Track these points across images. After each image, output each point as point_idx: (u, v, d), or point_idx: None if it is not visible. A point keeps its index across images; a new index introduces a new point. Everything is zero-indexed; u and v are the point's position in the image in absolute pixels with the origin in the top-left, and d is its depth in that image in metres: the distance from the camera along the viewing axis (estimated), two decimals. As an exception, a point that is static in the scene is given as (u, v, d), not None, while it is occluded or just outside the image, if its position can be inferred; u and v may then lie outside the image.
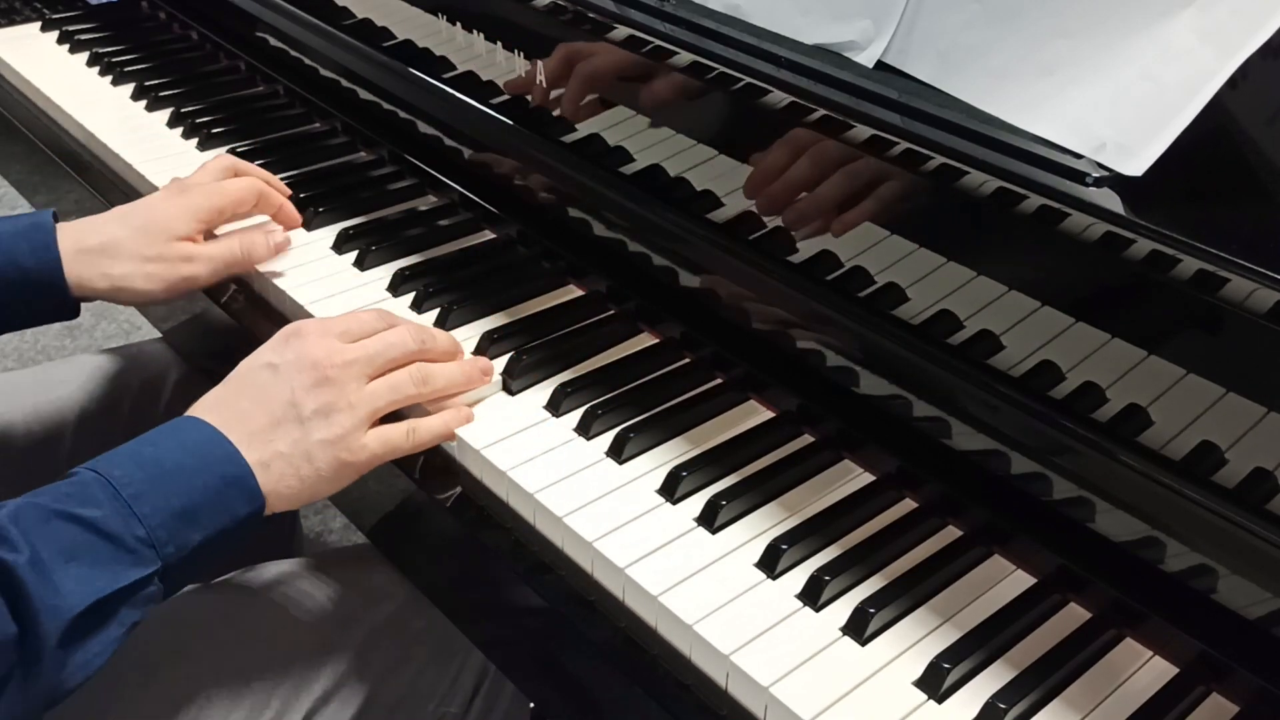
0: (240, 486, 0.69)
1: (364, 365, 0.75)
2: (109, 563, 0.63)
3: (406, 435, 0.76)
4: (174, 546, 0.66)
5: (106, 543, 0.63)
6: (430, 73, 1.00)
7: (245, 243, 0.92)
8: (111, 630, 0.64)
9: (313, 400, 0.72)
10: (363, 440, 0.73)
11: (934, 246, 0.68)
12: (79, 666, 0.62)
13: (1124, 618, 0.67)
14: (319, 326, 0.77)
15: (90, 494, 0.64)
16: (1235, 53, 0.58)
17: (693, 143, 0.80)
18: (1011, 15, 0.66)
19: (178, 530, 0.66)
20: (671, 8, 0.79)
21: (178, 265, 0.90)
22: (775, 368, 0.80)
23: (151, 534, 0.65)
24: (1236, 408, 0.58)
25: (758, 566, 0.69)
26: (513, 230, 0.99)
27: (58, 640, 0.60)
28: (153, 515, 0.65)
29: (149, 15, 1.41)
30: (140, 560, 0.64)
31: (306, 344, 0.75)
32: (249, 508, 0.69)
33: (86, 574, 0.62)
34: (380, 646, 0.85)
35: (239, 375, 0.75)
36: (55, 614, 0.60)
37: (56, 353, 2.17)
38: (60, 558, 0.61)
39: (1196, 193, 0.62)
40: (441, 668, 0.87)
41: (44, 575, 0.60)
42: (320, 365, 0.74)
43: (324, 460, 0.72)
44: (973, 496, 0.72)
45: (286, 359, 0.74)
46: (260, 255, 0.93)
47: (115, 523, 0.64)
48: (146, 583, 0.65)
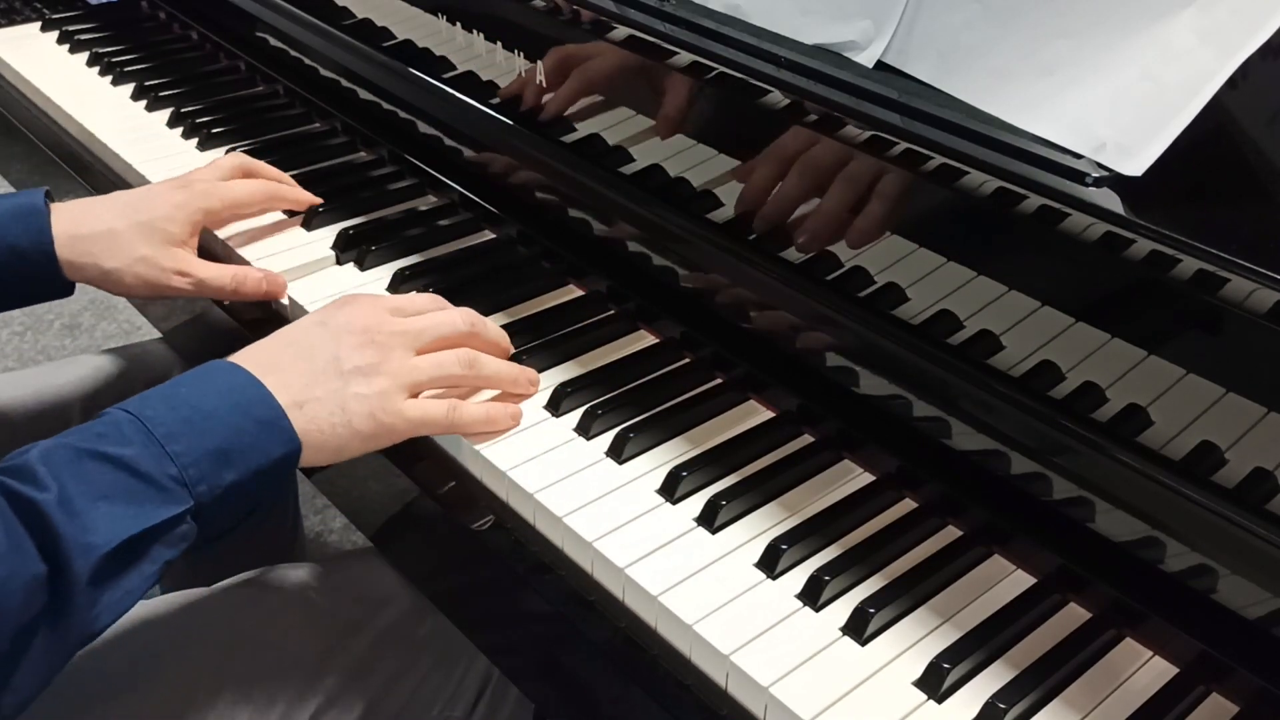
0: (274, 427, 0.69)
1: (413, 338, 0.76)
2: (141, 501, 0.63)
3: (447, 411, 0.75)
4: (207, 485, 0.65)
5: (138, 481, 0.63)
6: (430, 73, 1.00)
7: (239, 277, 0.91)
8: (144, 568, 0.63)
9: (357, 358, 0.73)
10: (400, 404, 0.73)
11: (934, 246, 0.68)
12: (110, 606, 0.62)
13: (1124, 618, 0.67)
14: (372, 299, 0.78)
15: (122, 433, 0.64)
16: (1235, 53, 0.58)
17: (692, 143, 0.80)
18: (1011, 15, 0.66)
19: (211, 469, 0.65)
20: (671, 8, 0.79)
21: (169, 275, 0.89)
22: (775, 368, 0.80)
23: (184, 472, 0.64)
24: (1236, 408, 0.58)
25: (758, 566, 0.69)
26: (513, 230, 0.99)
27: (89, 578, 0.60)
28: (185, 454, 0.65)
29: (149, 15, 1.41)
30: (172, 498, 0.64)
31: (359, 309, 0.76)
32: (284, 449, 0.69)
33: (118, 512, 0.62)
34: (384, 652, 0.85)
35: (286, 329, 0.75)
36: (86, 551, 0.60)
37: (57, 352, 2.17)
38: (91, 496, 0.61)
39: (1196, 193, 0.62)
40: (445, 673, 0.87)
41: (73, 513, 0.60)
42: (370, 329, 0.74)
43: (358, 413, 0.72)
44: (973, 496, 0.72)
45: (337, 320, 0.75)
46: (248, 293, 0.91)
47: (147, 461, 0.63)
48: (179, 521, 0.64)
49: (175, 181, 0.94)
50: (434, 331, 0.77)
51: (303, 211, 1.01)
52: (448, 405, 0.76)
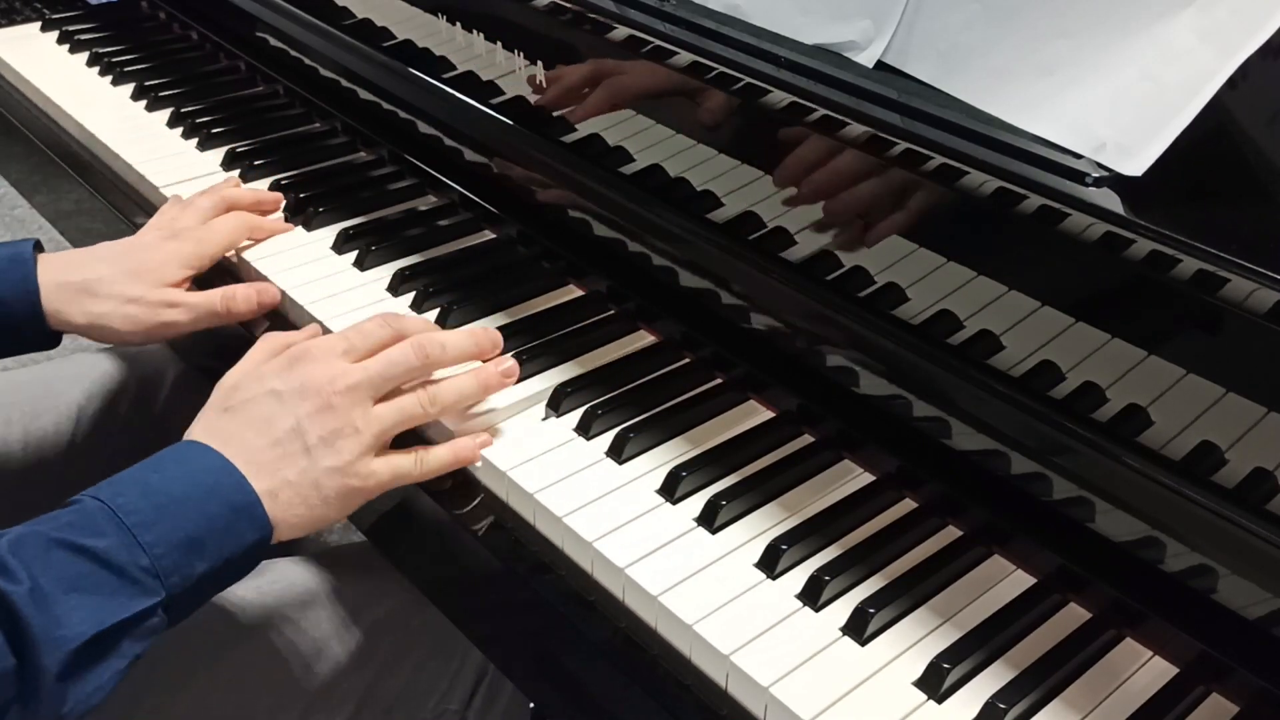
0: (248, 515, 0.68)
1: (368, 389, 0.73)
2: (112, 593, 0.62)
3: (415, 463, 0.75)
4: (179, 576, 0.64)
5: (110, 573, 0.62)
6: (430, 73, 1.00)
7: (227, 296, 0.90)
8: (113, 663, 0.62)
9: (318, 428, 0.71)
10: (371, 467, 0.72)
11: (934, 246, 0.68)
12: (79, 700, 0.61)
13: (1124, 618, 0.67)
14: (322, 347, 0.75)
15: (94, 523, 0.63)
16: (1235, 53, 0.58)
17: (692, 143, 0.80)
18: (1011, 15, 0.66)
19: (183, 560, 0.65)
20: (671, 8, 0.79)
21: (159, 310, 0.88)
22: (775, 368, 0.80)
23: (156, 564, 0.63)
24: (1236, 408, 0.58)
25: (758, 566, 0.69)
26: (513, 230, 0.99)
27: (58, 673, 0.59)
28: (158, 544, 0.64)
29: (149, 15, 1.41)
30: (144, 591, 0.63)
31: (309, 370, 0.73)
32: (256, 535, 0.68)
33: (88, 605, 0.61)
34: (380, 644, 0.85)
35: (242, 400, 0.73)
36: (56, 646, 0.59)
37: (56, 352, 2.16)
38: (62, 588, 0.60)
39: (1196, 193, 0.62)
40: (441, 665, 0.87)
41: (44, 607, 0.59)
42: (323, 391, 0.72)
43: (332, 488, 0.71)
44: (973, 496, 0.72)
45: (290, 386, 0.72)
46: (241, 311, 0.90)
47: (119, 553, 0.63)
48: (150, 614, 0.63)
49: (164, 230, 0.93)
50: (387, 375, 0.74)
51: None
52: (415, 457, 0.75)
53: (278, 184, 1.06)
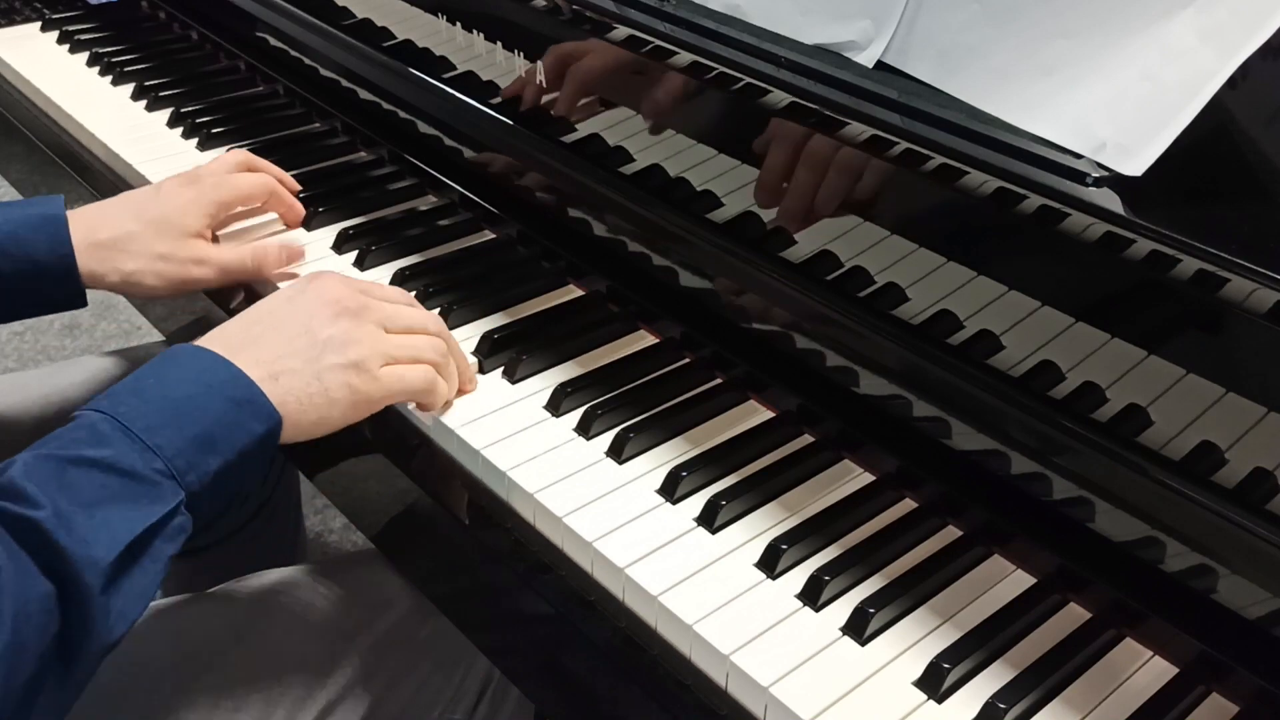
0: (252, 405, 0.68)
1: (385, 318, 0.75)
2: (134, 501, 0.61)
3: (424, 378, 0.75)
4: (195, 475, 0.64)
5: (127, 481, 0.62)
6: (430, 73, 1.00)
7: (258, 253, 0.91)
8: (149, 567, 0.62)
9: (330, 328, 0.72)
10: (376, 372, 0.73)
11: (934, 246, 0.68)
12: (124, 612, 0.61)
13: (1124, 618, 0.67)
14: (340, 275, 0.77)
15: (100, 434, 0.63)
16: (1235, 53, 0.58)
17: (692, 143, 0.80)
18: (1011, 15, 0.66)
19: (196, 458, 0.64)
20: (671, 8, 0.79)
21: (188, 267, 0.89)
22: (775, 368, 0.80)
23: (170, 465, 0.63)
24: (1236, 408, 0.58)
25: (758, 566, 0.69)
26: (513, 230, 0.99)
27: (101, 588, 0.59)
28: (168, 446, 0.63)
29: (149, 15, 1.41)
30: (163, 493, 0.63)
31: (329, 282, 0.75)
32: (265, 425, 0.68)
33: (113, 517, 0.60)
34: (385, 655, 0.85)
35: (254, 307, 0.74)
36: (92, 564, 0.59)
37: (56, 353, 2.17)
38: (84, 505, 0.60)
39: (1196, 193, 0.62)
40: (446, 675, 0.87)
41: (71, 527, 0.59)
42: (341, 300, 0.74)
43: (335, 383, 0.71)
44: (973, 496, 0.72)
45: (307, 294, 0.74)
46: (271, 266, 0.92)
47: (132, 459, 0.62)
48: (174, 514, 0.63)
49: (183, 178, 0.94)
50: (406, 320, 0.76)
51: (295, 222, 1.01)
52: (426, 370, 0.75)
53: (278, 184, 1.06)
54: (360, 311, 0.74)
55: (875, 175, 0.70)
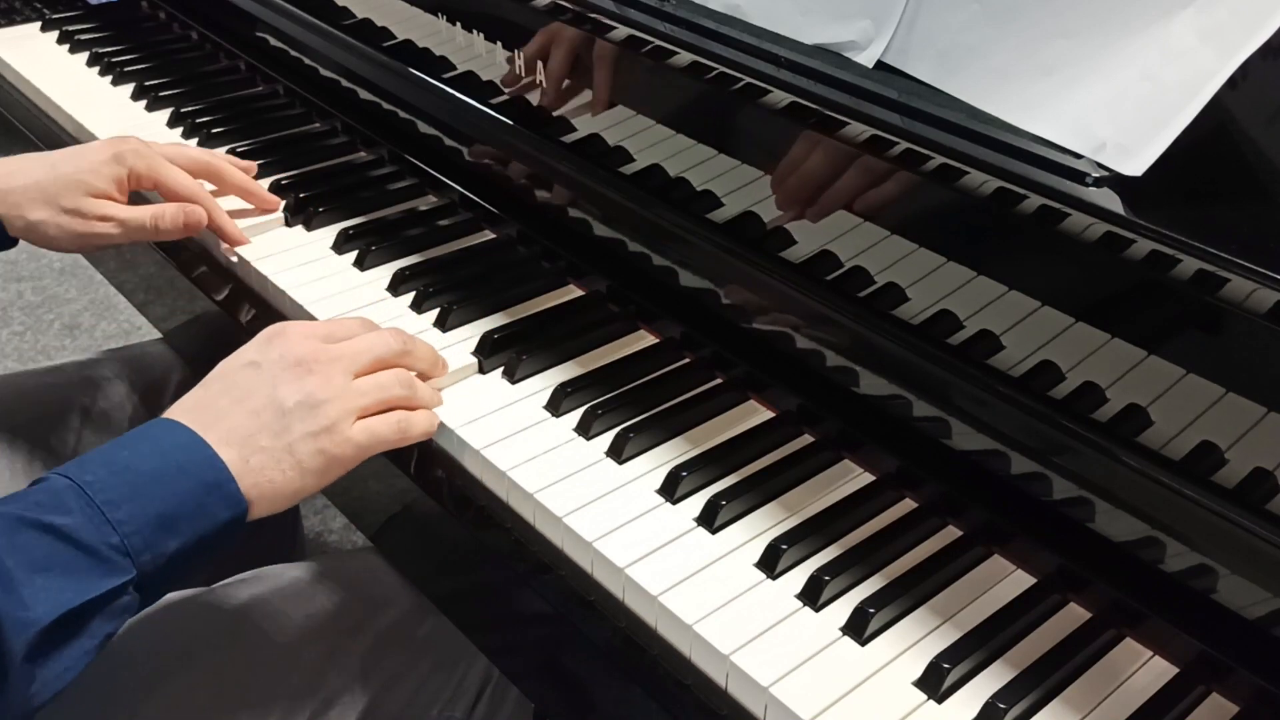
0: (220, 492, 0.66)
1: (349, 362, 0.74)
2: (81, 572, 0.60)
3: (396, 427, 0.74)
4: (150, 554, 0.63)
5: (78, 552, 0.61)
6: (430, 73, 1.00)
7: (156, 214, 0.93)
8: (83, 643, 0.61)
9: (296, 393, 0.71)
10: (348, 433, 0.72)
11: (934, 246, 0.68)
12: (48, 682, 0.60)
13: (1124, 618, 0.67)
14: (302, 328, 0.75)
15: (62, 501, 0.62)
16: (1235, 53, 0.58)
17: (692, 143, 0.80)
18: (1011, 15, 0.66)
19: (154, 538, 0.63)
20: (671, 8, 0.79)
21: (92, 223, 0.92)
22: (775, 368, 0.80)
23: (126, 541, 0.62)
24: (1236, 408, 0.58)
25: (758, 566, 0.69)
26: (513, 230, 0.99)
27: (25, 654, 0.58)
28: (128, 522, 0.62)
29: (149, 15, 1.41)
30: (114, 569, 0.62)
31: (290, 342, 0.73)
32: (230, 513, 0.67)
33: (56, 585, 0.59)
34: (385, 653, 0.85)
35: (219, 374, 0.73)
36: (22, 628, 0.58)
37: (56, 352, 2.17)
38: (29, 569, 0.59)
39: (1196, 193, 0.62)
40: (446, 673, 0.87)
41: (11, 588, 0.58)
42: (305, 361, 0.72)
43: (307, 453, 0.70)
44: (973, 496, 0.72)
45: (270, 356, 0.73)
46: (168, 228, 0.93)
47: (88, 530, 0.61)
48: (120, 592, 0.62)
49: (109, 140, 0.96)
50: (370, 354, 0.75)
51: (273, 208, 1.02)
52: (396, 420, 0.74)
53: (278, 184, 1.06)
54: (327, 366, 0.73)
55: (875, 175, 0.70)
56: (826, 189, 0.73)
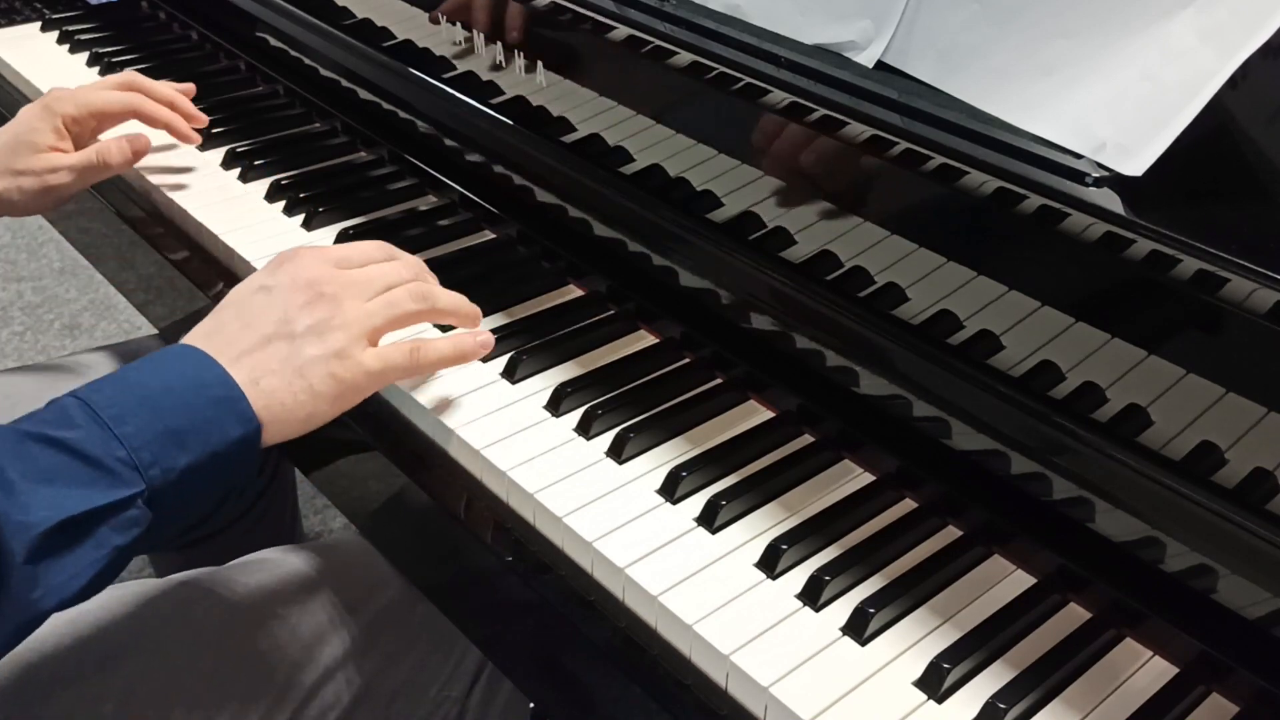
0: (231, 407, 0.66)
1: (361, 289, 0.74)
2: (85, 483, 0.61)
3: (409, 354, 0.74)
4: (159, 469, 0.63)
5: (83, 464, 0.61)
6: (430, 73, 1.00)
7: (100, 149, 0.97)
8: (88, 551, 0.61)
9: (306, 316, 0.71)
10: (359, 356, 0.71)
11: (934, 246, 0.68)
12: (55, 588, 0.60)
13: (1124, 618, 0.67)
14: (315, 252, 0.76)
15: (69, 416, 0.62)
16: (1235, 53, 0.58)
17: (692, 143, 0.80)
18: (1011, 15, 0.66)
19: (163, 451, 0.63)
20: (671, 8, 0.79)
21: (44, 177, 0.95)
22: (775, 368, 0.80)
23: (134, 455, 0.62)
24: (1236, 408, 0.58)
25: (758, 566, 0.69)
26: (513, 230, 0.99)
27: (25, 556, 0.58)
28: (135, 436, 0.62)
29: (149, 15, 1.41)
30: (121, 481, 0.62)
31: (301, 265, 0.74)
32: (242, 429, 0.67)
33: (59, 493, 0.60)
34: (382, 633, 0.85)
35: (230, 300, 0.73)
36: (21, 530, 0.58)
37: (56, 352, 2.17)
38: (32, 478, 0.59)
39: (1196, 193, 0.62)
40: (443, 653, 0.87)
41: (11, 494, 0.58)
42: (315, 284, 0.72)
43: (318, 376, 0.70)
44: (973, 496, 0.72)
45: (280, 280, 0.73)
46: (115, 160, 0.97)
47: (94, 443, 0.61)
48: (128, 504, 0.62)
49: (44, 97, 1.00)
50: (382, 281, 0.75)
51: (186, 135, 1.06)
52: (410, 346, 0.74)
53: (278, 184, 1.06)
54: (337, 291, 0.73)
55: (875, 175, 0.70)
56: (827, 189, 0.73)
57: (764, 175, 0.76)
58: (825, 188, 0.73)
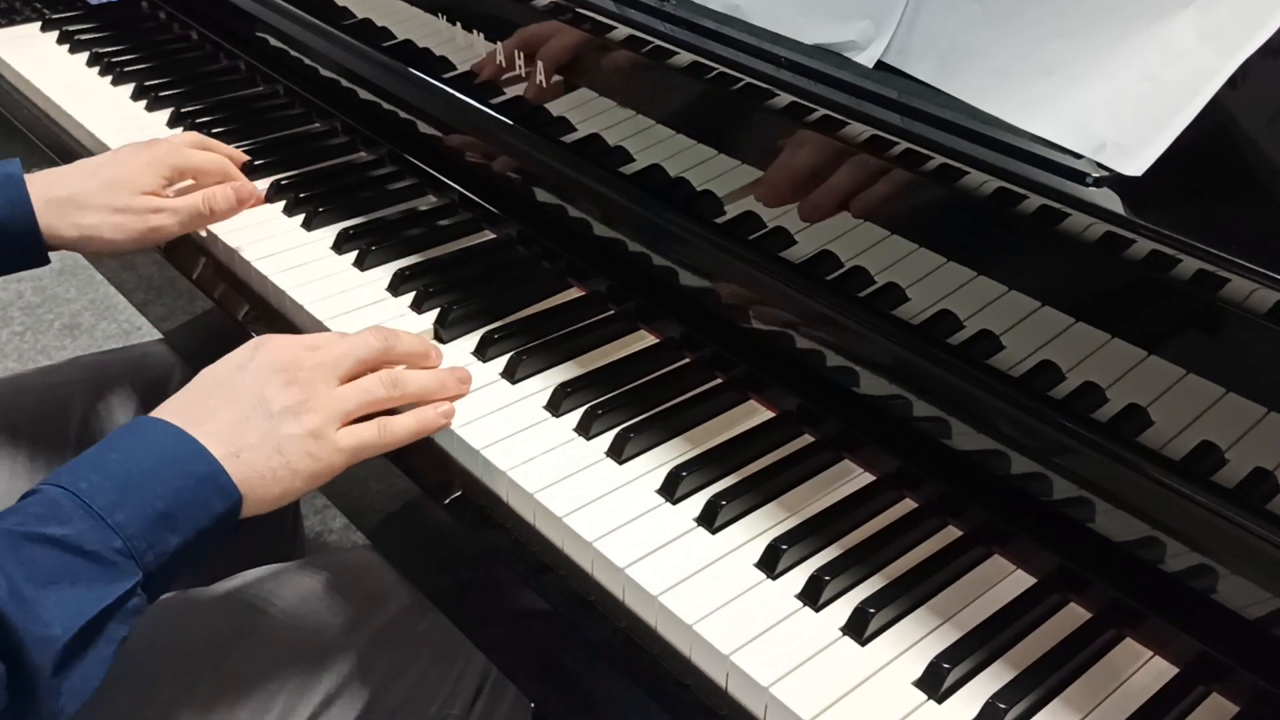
0: (213, 483, 0.67)
1: (332, 369, 0.75)
2: (91, 581, 0.61)
3: (378, 433, 0.75)
4: (154, 554, 0.63)
5: (84, 560, 0.61)
6: (430, 73, 1.00)
7: (208, 195, 0.95)
8: (100, 650, 0.61)
9: (282, 398, 0.71)
10: (333, 437, 0.72)
11: (934, 246, 0.68)
12: (75, 693, 0.60)
13: (1124, 618, 0.67)
14: (286, 337, 0.77)
15: (60, 511, 0.62)
16: (1235, 53, 0.58)
17: (692, 143, 0.80)
18: (1011, 15, 0.66)
19: (155, 537, 0.63)
20: (671, 8, 0.79)
21: (146, 216, 0.92)
22: (775, 368, 0.80)
23: (129, 544, 0.62)
24: (1236, 408, 0.58)
25: (758, 566, 0.69)
26: (513, 230, 0.99)
27: (52, 670, 0.58)
28: (128, 524, 0.63)
29: (149, 15, 1.41)
30: (121, 573, 0.62)
31: (274, 349, 0.74)
32: (225, 504, 0.67)
33: (69, 596, 0.60)
34: (383, 650, 0.85)
35: (204, 377, 0.74)
36: (45, 645, 0.58)
37: (56, 352, 2.17)
38: (38, 583, 0.59)
39: (1196, 193, 0.62)
40: (444, 670, 0.87)
41: (25, 606, 0.58)
42: (289, 368, 0.73)
43: (294, 453, 0.70)
44: (973, 496, 0.72)
45: (256, 362, 0.73)
46: (221, 207, 0.95)
47: (91, 538, 0.61)
48: (130, 595, 0.62)
49: (138, 144, 0.97)
50: (352, 357, 0.76)
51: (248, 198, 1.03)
52: (377, 426, 0.75)
53: (278, 184, 1.06)
54: (311, 374, 0.73)
55: (875, 175, 0.70)
56: (827, 189, 0.73)
57: (764, 175, 0.76)
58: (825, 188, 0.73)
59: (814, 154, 0.72)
